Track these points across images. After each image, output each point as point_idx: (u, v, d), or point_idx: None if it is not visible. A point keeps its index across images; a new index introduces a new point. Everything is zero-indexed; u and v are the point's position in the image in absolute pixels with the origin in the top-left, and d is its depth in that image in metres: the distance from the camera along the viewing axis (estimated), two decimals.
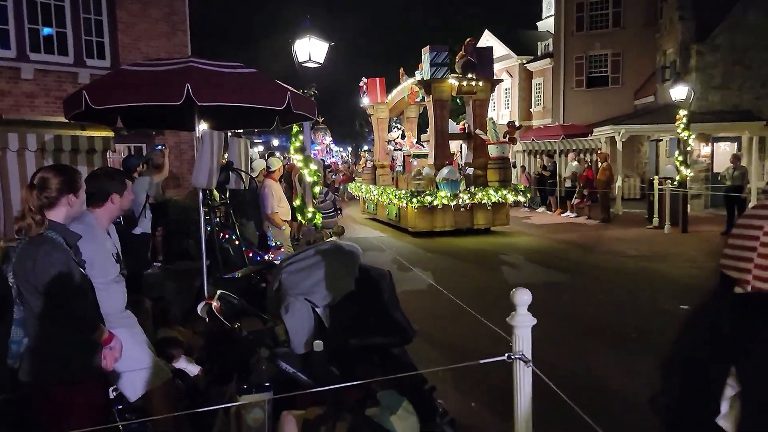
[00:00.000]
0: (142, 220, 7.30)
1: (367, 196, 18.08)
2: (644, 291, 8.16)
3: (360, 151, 43.76)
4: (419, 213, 13.74)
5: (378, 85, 18.35)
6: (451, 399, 4.36)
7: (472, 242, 13.08)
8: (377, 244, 12.64)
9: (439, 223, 13.86)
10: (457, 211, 13.87)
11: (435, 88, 14.32)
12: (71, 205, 2.84)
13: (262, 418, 2.73)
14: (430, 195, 13.55)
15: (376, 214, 17.50)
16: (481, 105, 14.97)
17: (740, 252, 1.08)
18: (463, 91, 14.54)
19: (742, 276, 1.06)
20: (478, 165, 14.79)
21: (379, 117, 18.55)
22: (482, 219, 14.19)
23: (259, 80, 5.24)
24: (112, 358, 2.89)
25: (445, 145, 14.76)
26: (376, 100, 18.38)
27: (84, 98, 4.61)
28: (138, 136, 11.84)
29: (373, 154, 19.60)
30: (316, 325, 2.99)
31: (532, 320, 2.66)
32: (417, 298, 7.61)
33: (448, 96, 14.61)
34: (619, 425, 3.40)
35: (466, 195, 13.79)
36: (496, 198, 14.12)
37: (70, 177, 2.86)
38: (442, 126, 14.65)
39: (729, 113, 18.98)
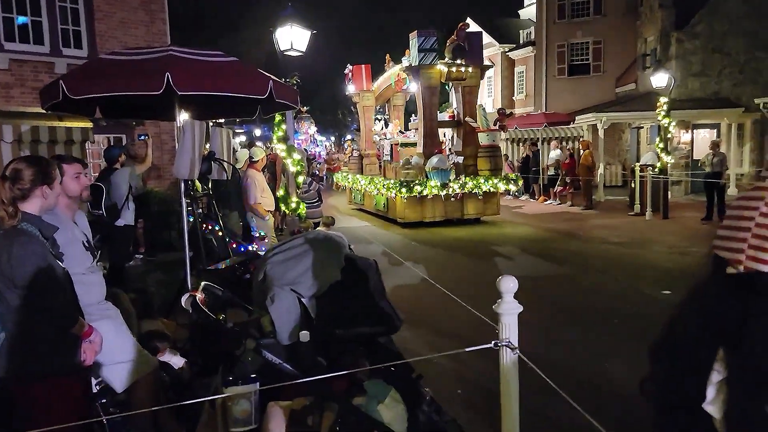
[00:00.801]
0: (124, 212, 7.20)
1: (354, 186, 17.64)
2: (627, 277, 8.24)
3: (342, 140, 43.65)
4: (408, 203, 13.46)
5: (363, 73, 17.91)
6: (439, 387, 4.38)
7: (463, 233, 12.84)
8: (365, 236, 12.34)
9: (429, 213, 13.60)
10: (447, 201, 13.62)
11: (423, 74, 14.00)
12: (46, 197, 2.78)
13: (249, 409, 2.72)
14: (419, 185, 13.27)
15: (363, 204, 17.13)
16: (471, 92, 14.70)
17: (734, 233, 1.08)
18: (452, 77, 14.23)
19: (735, 256, 1.06)
20: (468, 153, 14.54)
21: (364, 105, 18.16)
22: (473, 209, 13.95)
23: (240, 69, 5.17)
24: (92, 351, 2.85)
25: (434, 134, 14.47)
26: (361, 88, 17.97)
27: (61, 88, 4.51)
28: (118, 126, 11.66)
29: (358, 143, 19.40)
30: (302, 315, 2.97)
31: (518, 307, 2.67)
32: (409, 291, 7.53)
33: (436, 82, 14.32)
34: (605, 410, 3.43)
35: (456, 184, 13.53)
36: (487, 187, 13.88)
37: (43, 168, 2.80)
38: (430, 113, 14.34)
39: (708, 100, 19.20)
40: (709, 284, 1.15)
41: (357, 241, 10.99)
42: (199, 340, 4.49)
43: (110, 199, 7.06)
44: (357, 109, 18.66)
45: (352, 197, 18.42)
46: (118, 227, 7.13)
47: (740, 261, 1.06)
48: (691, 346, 1.16)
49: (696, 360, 1.15)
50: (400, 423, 2.92)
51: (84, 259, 3.27)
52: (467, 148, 14.61)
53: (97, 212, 6.82)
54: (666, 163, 14.80)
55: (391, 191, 13.82)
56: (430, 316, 6.43)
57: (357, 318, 2.99)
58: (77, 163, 3.40)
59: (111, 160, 7.58)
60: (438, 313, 6.52)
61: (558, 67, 25.92)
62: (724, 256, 1.09)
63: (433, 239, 12.05)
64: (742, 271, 1.07)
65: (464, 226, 13.68)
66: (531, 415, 3.38)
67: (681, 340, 1.19)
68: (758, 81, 18.92)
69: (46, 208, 2.83)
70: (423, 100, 14.26)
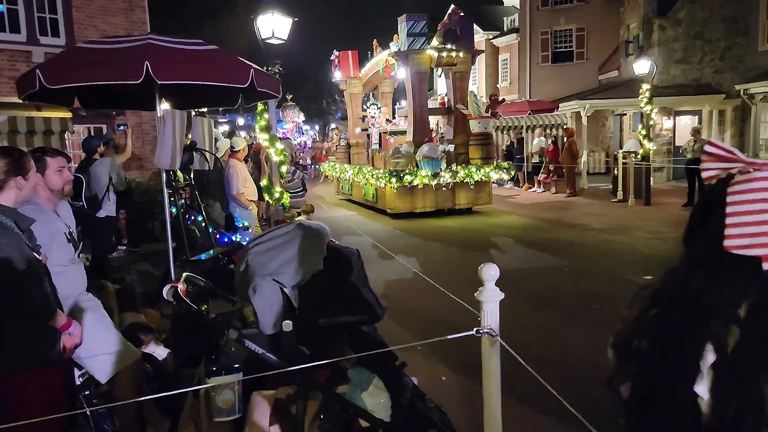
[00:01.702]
0: (105, 203, 7.14)
1: (342, 176, 17.10)
2: (610, 263, 8.33)
3: (327, 129, 43.46)
4: (398, 193, 13.06)
5: (350, 59, 17.44)
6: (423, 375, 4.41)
7: (454, 223, 12.58)
8: (354, 228, 12.00)
9: (420, 203, 13.24)
10: (438, 190, 13.28)
11: (413, 59, 13.55)
12: (20, 188, 2.74)
13: (233, 399, 2.72)
14: (409, 174, 12.85)
15: (351, 194, 16.71)
16: (462, 77, 14.30)
17: (762, 228, 1.06)
18: (442, 62, 13.78)
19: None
20: (459, 142, 14.17)
21: (352, 92, 17.72)
22: (464, 198, 13.60)
23: (220, 57, 5.12)
24: (72, 343, 2.83)
25: (424, 121, 14.05)
26: (348, 75, 17.50)
27: (38, 78, 4.45)
28: (97, 116, 11.52)
29: (346, 131, 19.09)
30: (284, 305, 2.97)
31: (499, 295, 2.69)
32: (400, 285, 7.45)
33: (426, 68, 13.86)
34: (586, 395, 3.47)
35: (447, 174, 13.15)
36: (479, 176, 13.49)
37: (16, 159, 2.76)
38: (420, 100, 13.92)
39: (690, 87, 19.35)
40: (739, 284, 1.12)
41: (345, 233, 10.85)
42: (181, 331, 4.48)
43: (90, 190, 6.99)
44: (342, 97, 18.41)
45: (339, 187, 17.96)
46: (99, 218, 7.07)
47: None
48: (683, 349, 1.14)
49: (687, 360, 1.13)
50: (384, 410, 2.94)
51: (66, 251, 3.25)
52: (458, 136, 14.26)
53: (77, 204, 6.76)
54: (648, 149, 14.94)
55: (381, 181, 13.43)
56: (418, 308, 6.47)
57: (340, 307, 3.00)
58: (61, 156, 3.36)
59: (90, 150, 7.50)
60: (427, 305, 6.55)
61: (542, 55, 25.97)
62: (760, 254, 1.07)
63: (424, 230, 11.80)
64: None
65: (455, 216, 13.41)
66: (513, 401, 3.43)
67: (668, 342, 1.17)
68: (738, 68, 19.09)
69: (22, 199, 2.80)
70: (412, 87, 13.83)
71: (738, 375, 1.06)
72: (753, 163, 1.11)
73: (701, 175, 1.18)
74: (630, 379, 1.24)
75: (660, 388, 1.16)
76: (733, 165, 1.12)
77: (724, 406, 1.08)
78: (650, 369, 1.18)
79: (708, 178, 1.16)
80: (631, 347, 1.25)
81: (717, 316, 1.09)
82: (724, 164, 1.13)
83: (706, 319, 1.10)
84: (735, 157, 1.12)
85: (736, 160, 1.12)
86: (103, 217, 7.18)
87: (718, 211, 1.11)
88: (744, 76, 18.67)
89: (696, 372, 1.10)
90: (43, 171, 3.17)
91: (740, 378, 1.06)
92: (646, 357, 1.19)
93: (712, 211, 1.14)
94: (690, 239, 1.22)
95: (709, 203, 1.17)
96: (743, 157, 1.11)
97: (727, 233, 1.07)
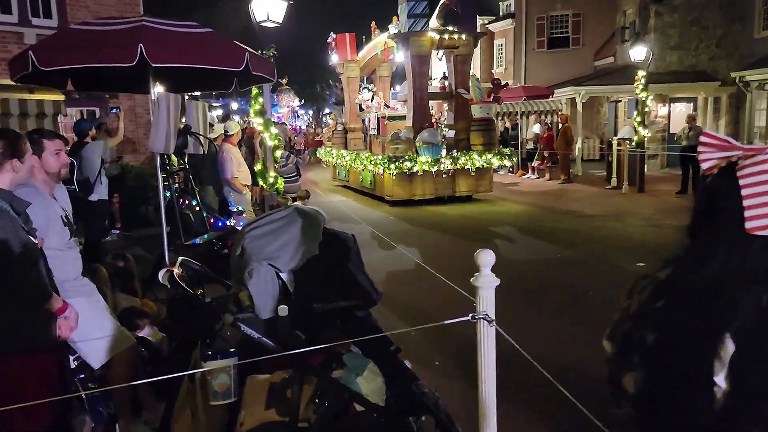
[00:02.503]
0: (97, 187, 7.10)
1: (339, 162, 16.70)
2: (603, 249, 8.38)
3: (321, 114, 43.24)
4: (397, 180, 12.76)
5: (348, 42, 17.03)
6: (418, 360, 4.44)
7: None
8: (351, 215, 11.74)
9: (419, 190, 12.94)
10: (438, 177, 12.96)
11: (413, 41, 13.07)
12: (16, 171, 2.72)
13: (228, 383, 2.72)
14: (409, 160, 12.51)
15: (348, 181, 16.40)
16: (464, 61, 13.92)
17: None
18: (444, 45, 13.41)
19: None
20: (460, 127, 13.82)
21: (349, 76, 17.31)
22: (464, 186, 13.33)
23: (215, 41, 5.08)
24: (68, 327, 2.83)
25: (424, 106, 13.61)
26: (345, 58, 17.13)
27: (30, 59, 4.40)
28: (90, 99, 11.41)
29: (341, 116, 18.86)
30: (280, 289, 2.97)
31: (495, 281, 2.70)
32: (400, 276, 7.36)
33: (427, 50, 13.43)
34: (579, 380, 3.51)
35: (447, 160, 12.84)
36: (480, 163, 13.19)
37: (12, 141, 2.73)
38: (420, 84, 13.49)
39: (685, 74, 19.33)
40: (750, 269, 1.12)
41: (343, 221, 10.63)
42: (177, 315, 4.48)
43: (82, 173, 6.95)
44: (336, 82, 18.19)
45: (336, 173, 17.63)
46: (91, 202, 7.03)
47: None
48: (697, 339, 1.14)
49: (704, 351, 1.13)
50: (379, 394, 2.96)
51: (63, 235, 3.23)
52: (459, 122, 13.90)
53: (69, 187, 6.73)
54: (643, 136, 14.96)
55: (379, 167, 13.07)
56: (416, 295, 6.48)
57: (335, 292, 3.00)
58: (58, 139, 3.34)
59: (82, 133, 7.44)
60: (425, 292, 6.57)
61: (537, 40, 25.84)
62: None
63: (424, 218, 11.57)
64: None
65: (455, 204, 13.17)
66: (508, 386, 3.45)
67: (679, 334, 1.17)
68: (734, 54, 19.08)
69: (18, 182, 2.78)
70: (412, 70, 13.40)
71: (758, 363, 1.07)
72: (750, 149, 1.11)
73: (700, 165, 1.18)
74: (636, 371, 1.24)
75: (677, 379, 1.16)
76: (732, 153, 1.13)
77: (746, 394, 1.08)
78: (663, 361, 1.18)
79: (708, 168, 1.16)
80: (634, 339, 1.25)
81: (741, 300, 1.09)
82: (723, 153, 1.14)
83: (729, 305, 1.10)
84: (732, 145, 1.12)
85: (735, 147, 1.12)
86: (95, 201, 7.14)
87: (730, 198, 1.11)
88: (740, 63, 18.67)
89: (713, 362, 1.11)
90: (40, 153, 3.15)
91: (759, 365, 1.06)
92: (656, 349, 1.19)
93: (721, 200, 1.15)
94: (697, 230, 1.22)
95: (715, 192, 1.17)
96: (740, 145, 1.12)
97: (747, 215, 1.08)
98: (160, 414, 3.58)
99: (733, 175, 1.11)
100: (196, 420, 3.03)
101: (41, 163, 3.16)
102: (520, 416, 3.72)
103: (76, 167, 6.86)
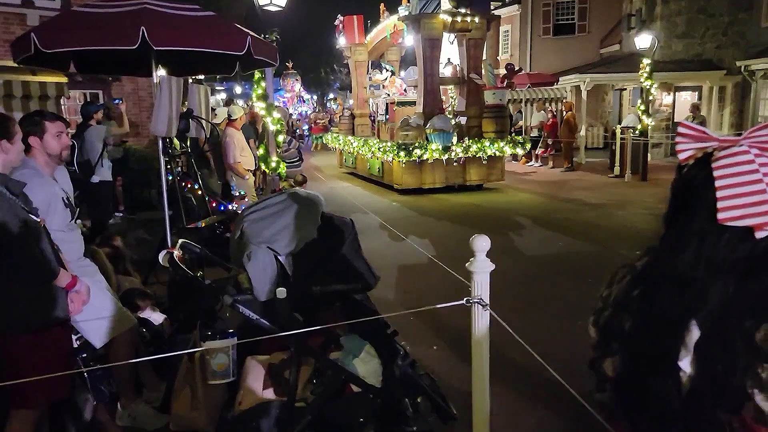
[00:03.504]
0: (98, 169, 7.15)
1: (345, 148, 16.19)
2: (604, 238, 8.40)
3: (325, 99, 43.05)
4: (407, 168, 12.35)
5: (356, 24, 16.50)
6: (415, 343, 4.50)
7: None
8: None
9: (429, 179, 12.58)
10: (449, 166, 12.60)
11: (425, 24, 12.55)
12: (6, 152, 2.75)
13: (227, 363, 2.78)
14: (420, 148, 12.13)
15: (355, 168, 16.01)
16: (476, 45, 13.44)
17: (752, 198, 1.10)
18: (456, 27, 12.88)
19: (766, 219, 1.09)
20: (472, 114, 13.33)
21: (357, 60, 16.74)
22: (476, 174, 12.97)
23: (217, 24, 5.08)
24: (80, 301, 2.88)
25: (435, 91, 13.08)
26: (353, 41, 16.58)
27: (33, 41, 4.41)
28: (93, 81, 11.42)
29: (345, 101, 18.66)
30: (278, 272, 3.01)
31: (490, 266, 2.73)
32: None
33: (439, 33, 12.91)
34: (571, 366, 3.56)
35: (459, 148, 12.47)
36: (492, 151, 12.81)
37: (1, 123, 2.76)
38: (432, 68, 12.95)
39: (691, 62, 19.19)
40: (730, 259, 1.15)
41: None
42: (177, 296, 4.54)
43: (82, 155, 7.00)
44: (341, 67, 17.98)
45: (343, 160, 17.23)
46: (93, 184, 7.09)
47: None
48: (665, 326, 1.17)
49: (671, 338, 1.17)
50: (375, 376, 3.01)
51: (64, 217, 3.27)
52: (471, 108, 13.40)
53: (70, 168, 6.79)
54: (646, 125, 14.90)
55: (388, 155, 12.64)
56: (419, 280, 6.52)
57: (333, 275, 3.04)
58: (60, 121, 3.37)
59: (86, 116, 7.48)
60: (428, 279, 6.61)
61: (543, 27, 25.64)
62: (752, 223, 1.11)
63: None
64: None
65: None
66: (501, 370, 3.50)
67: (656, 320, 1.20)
68: (740, 44, 18.93)
69: (10, 163, 2.80)
70: (423, 54, 12.84)
71: (722, 348, 1.10)
72: (726, 140, 1.14)
73: (678, 155, 1.21)
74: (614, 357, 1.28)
75: (647, 364, 1.20)
76: (708, 144, 1.16)
77: (710, 379, 1.12)
78: (636, 347, 1.22)
79: (684, 159, 1.19)
80: (613, 326, 1.29)
81: (710, 289, 1.13)
82: (699, 144, 1.16)
83: (698, 293, 1.14)
84: (709, 137, 1.15)
85: (711, 139, 1.15)
86: (97, 182, 7.19)
87: (704, 189, 1.14)
88: (746, 52, 18.52)
89: (680, 347, 1.15)
90: (41, 135, 3.18)
91: (724, 352, 1.10)
92: (631, 335, 1.23)
93: (696, 190, 1.17)
94: (673, 219, 1.25)
95: (691, 182, 1.20)
96: (716, 136, 1.15)
97: (719, 206, 1.11)
98: (161, 393, 3.66)
99: (709, 166, 1.14)
100: (196, 399, 3.09)
101: (43, 145, 3.20)
102: (511, 397, 3.78)
103: (77, 148, 6.90)
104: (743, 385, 1.07)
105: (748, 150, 1.11)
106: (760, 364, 1.06)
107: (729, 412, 1.10)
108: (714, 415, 1.11)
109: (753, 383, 1.06)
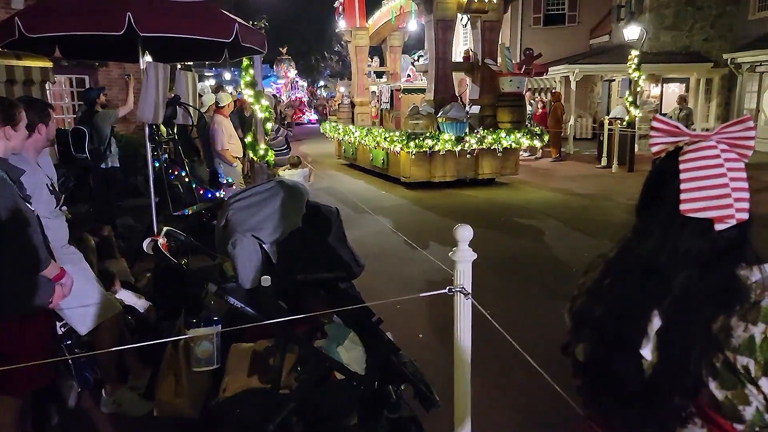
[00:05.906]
0: (107, 154, 7.12)
1: (345, 138, 15.09)
2: (590, 229, 8.48)
3: (316, 86, 42.82)
4: (416, 160, 11.43)
5: (357, 6, 15.54)
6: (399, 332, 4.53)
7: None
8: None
9: (439, 172, 11.66)
10: (462, 157, 11.70)
11: (438, 4, 11.53)
12: (9, 138, 2.74)
13: (211, 350, 2.80)
14: (431, 138, 11.21)
15: (355, 159, 14.98)
16: (492, 28, 12.33)
17: (714, 192, 1.14)
18: (471, 8, 11.81)
19: (725, 213, 1.14)
20: (486, 102, 12.39)
21: (357, 45, 15.70)
22: (488, 167, 12.06)
23: (204, 10, 5.05)
24: (61, 294, 2.88)
25: (447, 77, 12.08)
26: (354, 25, 15.56)
27: (17, 26, 4.37)
28: (80, 67, 11.30)
29: (334, 89, 18.36)
30: (263, 260, 3.03)
31: (472, 255, 2.75)
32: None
33: (453, 15, 11.85)
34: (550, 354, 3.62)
35: (473, 139, 11.51)
36: (508, 143, 11.90)
37: (6, 108, 2.75)
38: (444, 53, 11.93)
39: (679, 54, 19.29)
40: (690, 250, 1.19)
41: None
42: (162, 284, 4.54)
43: (93, 142, 6.97)
44: (328, 55, 17.74)
45: (341, 150, 16.11)
46: (104, 170, 7.09)
47: (732, 216, 1.14)
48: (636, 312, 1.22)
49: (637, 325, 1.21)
50: (359, 363, 3.04)
51: (49, 203, 3.27)
52: (486, 96, 12.43)
53: (81, 156, 6.77)
54: (634, 116, 14.99)
55: (396, 145, 11.64)
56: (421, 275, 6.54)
57: (318, 263, 3.06)
58: (49, 108, 3.39)
59: (91, 101, 7.40)
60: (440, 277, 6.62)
61: (534, 17, 25.60)
62: (713, 216, 1.15)
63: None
64: (733, 225, 1.15)
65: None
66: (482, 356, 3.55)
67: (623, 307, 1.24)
68: (728, 36, 19.04)
69: (11, 149, 2.79)
70: (435, 37, 11.77)
71: (681, 337, 1.15)
72: (697, 135, 1.18)
73: (650, 149, 1.25)
74: (585, 343, 1.33)
75: (612, 351, 1.25)
76: (679, 138, 1.20)
77: (667, 366, 1.17)
78: (604, 334, 1.27)
79: (657, 153, 1.23)
80: (586, 314, 1.34)
81: (672, 279, 1.17)
82: (671, 138, 1.20)
83: (661, 282, 1.18)
84: (681, 132, 1.19)
85: (682, 133, 1.19)
86: (108, 168, 7.19)
87: (671, 182, 1.18)
88: (733, 44, 18.64)
89: (642, 336, 1.19)
90: (47, 122, 3.21)
91: (682, 340, 1.15)
92: (600, 323, 1.28)
93: (663, 182, 1.22)
94: (644, 210, 1.29)
95: (661, 175, 1.24)
96: (688, 131, 1.19)
97: (682, 198, 1.15)
98: (146, 379, 3.67)
99: (677, 160, 1.18)
100: (180, 386, 3.11)
101: (47, 132, 3.22)
102: (492, 384, 3.84)
103: (87, 136, 6.86)
104: (699, 373, 1.11)
105: (715, 145, 1.15)
106: (715, 353, 1.10)
107: (685, 398, 1.15)
108: (671, 399, 1.15)
109: (708, 371, 1.11)
